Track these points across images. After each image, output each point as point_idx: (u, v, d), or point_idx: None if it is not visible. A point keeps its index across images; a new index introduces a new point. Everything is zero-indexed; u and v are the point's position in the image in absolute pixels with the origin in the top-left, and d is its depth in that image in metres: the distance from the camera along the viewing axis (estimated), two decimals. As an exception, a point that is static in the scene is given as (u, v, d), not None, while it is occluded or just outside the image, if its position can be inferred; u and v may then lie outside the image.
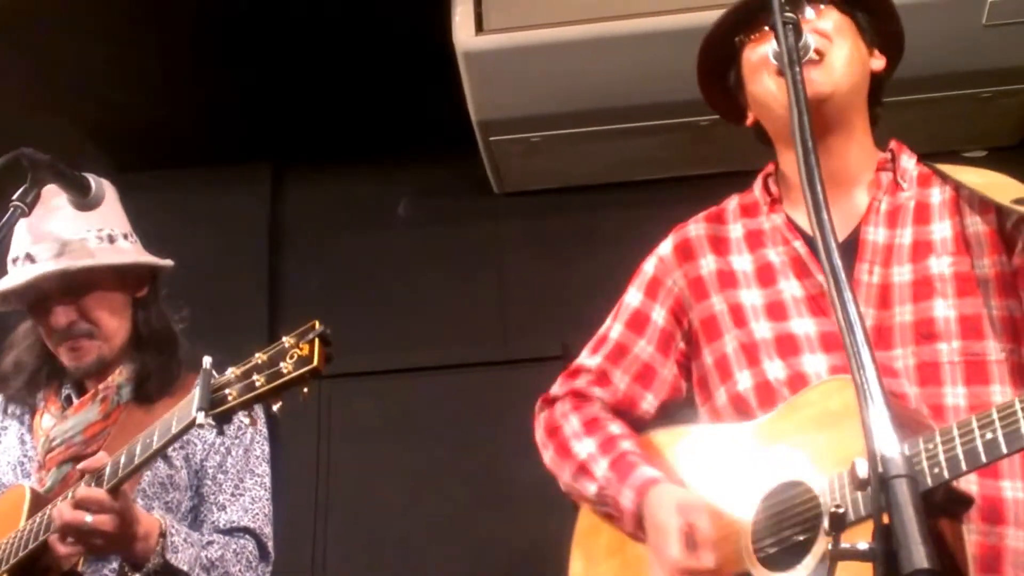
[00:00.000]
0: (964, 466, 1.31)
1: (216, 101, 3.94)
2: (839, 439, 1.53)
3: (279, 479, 2.42)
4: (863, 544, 1.03)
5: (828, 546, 1.08)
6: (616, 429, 1.91)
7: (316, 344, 1.72)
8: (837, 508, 1.10)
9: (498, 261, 4.16)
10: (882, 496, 1.02)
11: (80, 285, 2.27)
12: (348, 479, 3.92)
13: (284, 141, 4.24)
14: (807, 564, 1.50)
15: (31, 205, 1.94)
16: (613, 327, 2.01)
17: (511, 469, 3.32)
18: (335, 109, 4.06)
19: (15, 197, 1.93)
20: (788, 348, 1.76)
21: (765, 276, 1.85)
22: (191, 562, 2.09)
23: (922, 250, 1.73)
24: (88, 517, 1.94)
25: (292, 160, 4.34)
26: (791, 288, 1.81)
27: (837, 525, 1.10)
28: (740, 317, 1.84)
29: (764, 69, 1.81)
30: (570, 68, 3.47)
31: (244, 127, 4.07)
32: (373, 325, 4.03)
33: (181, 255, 2.43)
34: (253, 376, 1.77)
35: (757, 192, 1.96)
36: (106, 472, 1.96)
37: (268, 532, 2.30)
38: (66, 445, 2.23)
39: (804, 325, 1.76)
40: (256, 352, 1.80)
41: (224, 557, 2.18)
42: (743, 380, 1.79)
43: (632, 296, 2.01)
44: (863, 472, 1.05)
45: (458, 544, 3.72)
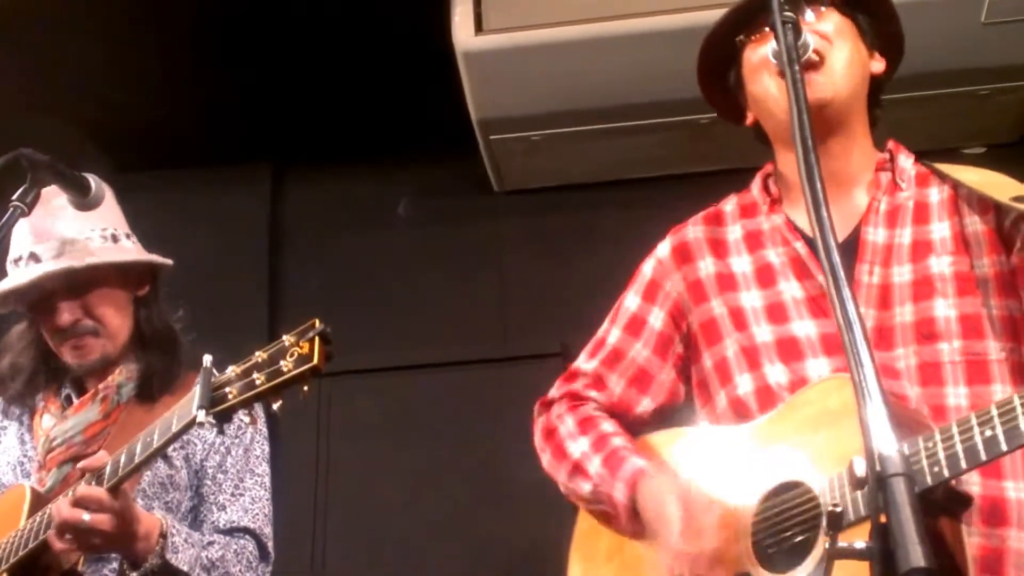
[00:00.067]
0: (964, 464, 1.31)
1: (216, 101, 3.94)
2: (838, 438, 1.53)
3: (279, 477, 2.42)
4: (860, 543, 1.03)
5: (826, 545, 1.08)
6: (609, 427, 1.91)
7: (316, 342, 1.72)
8: (835, 507, 1.10)
9: (498, 259, 4.17)
10: (879, 495, 1.02)
11: (84, 283, 2.28)
12: (348, 477, 3.92)
13: (284, 141, 4.24)
14: (807, 565, 1.50)
15: (31, 205, 1.94)
16: (610, 331, 2.00)
17: (511, 467, 3.31)
18: (335, 109, 4.06)
19: (15, 197, 1.92)
20: (790, 352, 1.75)
21: (765, 277, 1.84)
22: (191, 562, 2.09)
23: (922, 250, 1.73)
24: (86, 515, 1.94)
25: (292, 160, 4.34)
26: (791, 289, 1.80)
27: (835, 524, 1.10)
28: (740, 320, 1.83)
29: (764, 69, 1.81)
30: (570, 67, 3.47)
31: (244, 127, 4.07)
32: (373, 324, 4.03)
33: (181, 255, 2.43)
34: (253, 374, 1.77)
35: (756, 192, 1.95)
36: (106, 471, 1.96)
37: (268, 532, 2.31)
38: (66, 445, 2.24)
39: (805, 327, 1.76)
40: (256, 351, 1.80)
41: (224, 557, 2.18)
42: (743, 384, 1.78)
43: (630, 300, 2.00)
44: (861, 471, 1.05)
45: (458, 542, 3.72)
